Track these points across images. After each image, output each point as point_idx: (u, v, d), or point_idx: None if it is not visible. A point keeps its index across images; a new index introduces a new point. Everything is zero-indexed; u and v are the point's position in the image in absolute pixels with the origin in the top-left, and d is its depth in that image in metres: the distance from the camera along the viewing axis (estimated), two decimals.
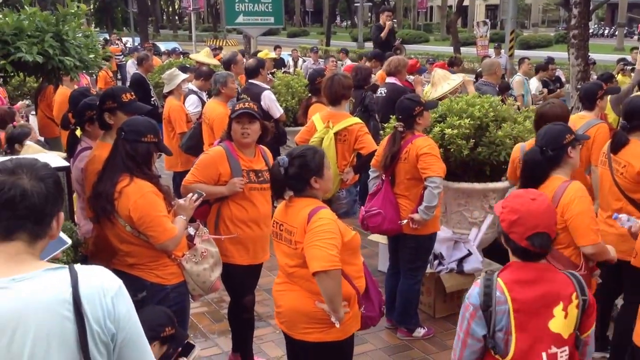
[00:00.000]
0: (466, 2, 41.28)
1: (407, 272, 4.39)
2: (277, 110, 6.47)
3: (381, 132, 5.50)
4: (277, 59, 14.40)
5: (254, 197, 3.65)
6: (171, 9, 69.44)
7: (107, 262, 3.04)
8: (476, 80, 8.05)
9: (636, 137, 3.73)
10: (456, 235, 4.83)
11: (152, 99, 8.36)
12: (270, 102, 6.38)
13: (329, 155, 4.16)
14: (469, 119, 4.71)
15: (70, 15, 4.17)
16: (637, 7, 42.69)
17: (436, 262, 4.69)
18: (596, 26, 48.14)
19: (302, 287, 2.85)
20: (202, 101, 6.73)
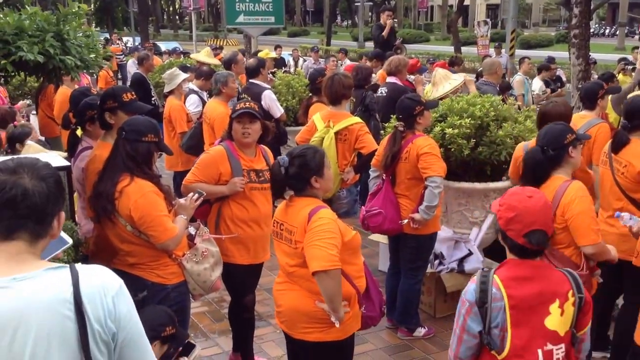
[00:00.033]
0: (467, 2, 41.34)
1: (407, 271, 4.39)
2: (278, 109, 6.48)
3: (382, 132, 5.49)
4: (278, 59, 14.40)
5: (254, 197, 3.65)
6: (172, 9, 69.47)
7: (108, 261, 3.04)
8: (477, 79, 8.04)
9: (637, 136, 3.73)
10: (457, 235, 4.83)
11: (153, 99, 8.35)
12: (270, 101, 6.39)
13: (329, 154, 4.16)
14: (469, 119, 4.70)
15: (71, 14, 4.18)
16: (637, 6, 42.65)
17: (437, 261, 4.69)
18: (597, 26, 48.13)
19: (302, 286, 2.85)
20: (203, 101, 6.73)
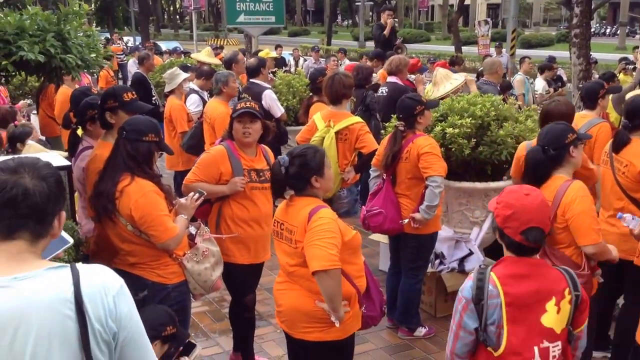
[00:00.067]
0: (467, 1, 41.33)
1: (408, 271, 4.39)
2: (278, 109, 6.48)
3: (382, 132, 5.49)
4: (278, 58, 14.40)
5: (255, 197, 3.65)
6: (172, 8, 69.48)
7: (109, 261, 3.04)
8: (477, 79, 8.03)
9: (638, 136, 3.72)
10: (457, 234, 4.83)
11: (153, 98, 8.35)
12: (271, 101, 6.39)
13: (329, 154, 4.16)
14: (470, 118, 4.70)
15: (71, 14, 4.17)
16: (638, 6, 42.61)
17: (437, 261, 4.69)
18: (598, 25, 48.06)
19: (302, 286, 2.85)
20: (204, 100, 6.72)
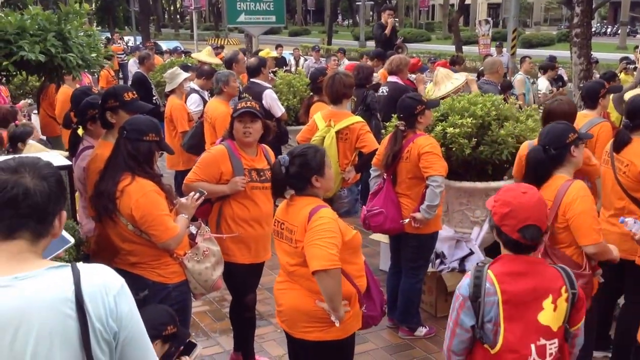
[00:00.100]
0: (468, 1, 41.29)
1: (408, 271, 4.39)
2: (279, 109, 6.48)
3: (383, 131, 5.49)
4: (279, 58, 14.40)
5: (255, 196, 3.65)
6: (173, 8, 69.49)
7: (109, 261, 3.03)
8: (478, 79, 8.03)
9: (639, 135, 3.72)
10: (458, 234, 4.83)
11: (154, 98, 8.35)
12: (271, 101, 6.39)
13: (330, 154, 4.16)
14: (471, 118, 4.70)
15: (72, 14, 4.17)
16: (639, 5, 42.59)
17: (438, 261, 4.69)
18: (599, 25, 48.04)
19: (302, 286, 2.85)
20: (204, 100, 6.72)
